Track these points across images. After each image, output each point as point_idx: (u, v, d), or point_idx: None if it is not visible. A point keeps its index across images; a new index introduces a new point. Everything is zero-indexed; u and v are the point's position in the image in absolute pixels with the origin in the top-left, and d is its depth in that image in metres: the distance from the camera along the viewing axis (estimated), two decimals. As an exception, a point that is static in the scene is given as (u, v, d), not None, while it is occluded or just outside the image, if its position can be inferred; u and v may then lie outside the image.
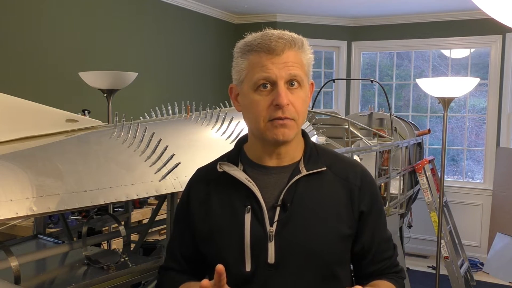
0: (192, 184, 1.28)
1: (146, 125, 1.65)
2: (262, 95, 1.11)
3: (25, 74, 3.43)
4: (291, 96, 1.11)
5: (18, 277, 1.30)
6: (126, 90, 3.33)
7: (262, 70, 1.10)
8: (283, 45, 1.10)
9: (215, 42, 5.46)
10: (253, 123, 1.15)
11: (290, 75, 1.11)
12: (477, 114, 5.74)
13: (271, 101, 1.10)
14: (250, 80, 1.12)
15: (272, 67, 1.10)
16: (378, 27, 5.79)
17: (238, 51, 1.16)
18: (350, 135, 3.45)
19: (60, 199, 1.27)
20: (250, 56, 1.12)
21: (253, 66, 1.12)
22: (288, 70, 1.10)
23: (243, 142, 1.26)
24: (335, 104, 6.07)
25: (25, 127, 1.50)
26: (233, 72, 1.18)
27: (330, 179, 1.19)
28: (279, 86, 1.10)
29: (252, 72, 1.12)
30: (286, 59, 1.11)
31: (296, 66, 1.12)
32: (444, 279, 4.26)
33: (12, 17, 3.35)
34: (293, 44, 1.12)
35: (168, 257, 1.31)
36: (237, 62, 1.16)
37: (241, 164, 1.21)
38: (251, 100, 1.13)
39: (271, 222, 1.14)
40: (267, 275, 1.14)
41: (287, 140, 1.15)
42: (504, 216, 5.17)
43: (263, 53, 1.10)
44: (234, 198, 1.17)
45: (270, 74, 1.10)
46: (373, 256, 1.23)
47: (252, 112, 1.13)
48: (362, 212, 1.19)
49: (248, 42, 1.13)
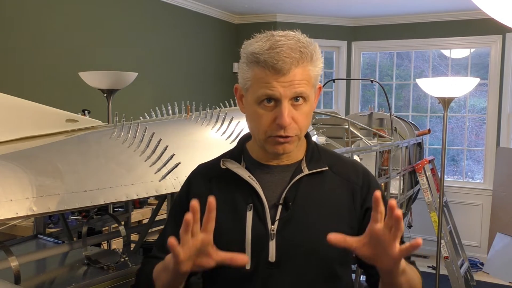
0: (192, 179, 1.27)
1: (146, 125, 1.64)
2: (266, 110, 1.10)
3: (25, 74, 3.43)
4: (294, 113, 1.10)
5: (18, 277, 1.30)
6: (126, 90, 3.33)
7: (266, 87, 1.08)
8: (290, 64, 1.06)
9: (215, 42, 5.46)
10: (255, 133, 1.16)
11: (295, 93, 1.08)
12: (477, 114, 5.74)
13: (274, 118, 1.09)
14: (254, 93, 1.11)
15: (277, 85, 1.07)
16: (378, 27, 5.79)
17: (245, 58, 1.12)
18: (350, 135, 3.45)
19: (60, 199, 1.27)
20: (255, 69, 1.09)
21: (257, 80, 1.09)
22: (294, 88, 1.08)
23: (246, 140, 1.26)
24: (335, 104, 6.07)
25: (25, 127, 1.50)
26: (239, 74, 1.16)
27: (331, 178, 1.20)
28: (282, 105, 1.08)
29: (257, 86, 1.09)
30: (292, 77, 1.07)
31: (302, 84, 1.09)
32: (444, 279, 4.26)
33: (12, 17, 3.35)
34: (301, 61, 1.08)
35: (156, 248, 1.25)
36: (242, 68, 1.13)
37: (243, 162, 1.21)
38: (254, 112, 1.12)
39: (272, 220, 1.14)
40: (268, 273, 1.14)
41: (288, 153, 1.16)
42: (504, 216, 5.17)
43: (268, 71, 1.07)
44: (236, 196, 1.17)
45: (274, 92, 1.08)
46: None
47: (254, 124, 1.14)
48: (368, 208, 1.18)
49: (255, 53, 1.08)
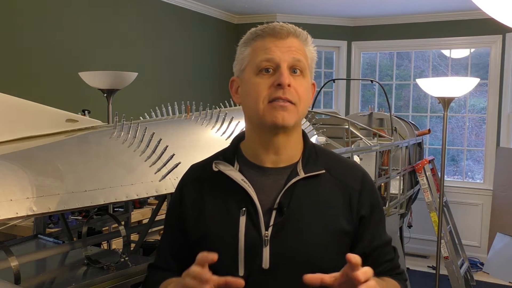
0: (185, 182, 1.24)
1: (146, 125, 1.64)
2: (264, 78, 1.10)
3: (25, 74, 3.43)
4: (293, 81, 1.10)
5: (18, 277, 1.30)
6: (126, 90, 3.33)
7: (265, 52, 1.10)
8: (287, 31, 1.11)
9: (215, 42, 5.46)
10: (252, 106, 1.12)
11: (293, 59, 1.10)
12: (477, 114, 5.74)
13: (273, 82, 1.09)
14: (252, 64, 1.12)
15: (276, 49, 1.10)
16: (378, 27, 5.79)
17: (242, 42, 1.16)
18: (350, 135, 3.45)
19: (60, 199, 1.27)
20: (254, 42, 1.13)
21: (256, 50, 1.12)
22: (292, 54, 1.10)
23: (240, 139, 1.22)
24: (335, 104, 6.07)
25: (25, 127, 1.50)
26: (235, 64, 1.17)
27: (328, 182, 1.16)
28: (281, 68, 1.09)
29: (256, 56, 1.11)
30: (290, 43, 1.11)
31: (299, 53, 1.11)
32: (444, 279, 4.26)
33: (12, 17, 3.35)
34: (297, 34, 1.13)
35: (158, 256, 1.27)
36: (240, 52, 1.16)
37: (237, 164, 1.16)
38: (252, 83, 1.11)
39: (266, 226, 1.10)
40: (261, 280, 1.10)
41: (286, 125, 1.10)
42: (504, 216, 5.17)
43: (268, 37, 1.11)
44: (229, 200, 1.13)
45: (273, 56, 1.09)
46: (374, 260, 1.18)
47: (252, 95, 1.11)
48: (362, 216, 1.16)
49: (253, 30, 1.15)
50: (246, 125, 1.20)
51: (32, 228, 2.13)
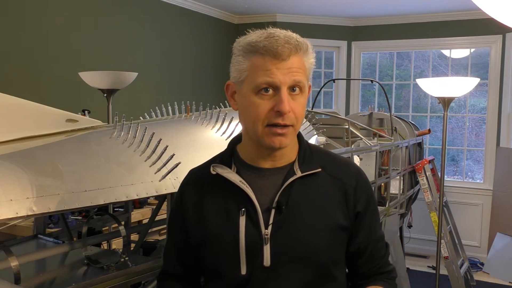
0: (184, 187, 1.26)
1: (146, 125, 1.64)
2: (264, 99, 1.08)
3: (25, 74, 3.43)
4: (292, 103, 1.09)
5: (18, 277, 1.30)
6: (126, 90, 3.33)
7: (266, 74, 1.07)
8: (289, 51, 1.07)
9: (215, 42, 5.46)
10: (250, 126, 1.12)
11: (294, 81, 1.08)
12: (477, 114, 5.74)
13: (272, 106, 1.08)
14: (251, 82, 1.09)
15: (277, 72, 1.07)
16: (378, 27, 5.79)
17: (240, 49, 1.11)
18: (350, 135, 3.45)
19: (60, 199, 1.27)
20: (253, 58, 1.08)
21: (256, 68, 1.08)
22: (293, 76, 1.08)
23: (236, 142, 1.23)
24: (335, 104, 6.07)
25: (25, 127, 1.50)
26: (232, 69, 1.14)
27: (324, 180, 1.18)
28: (282, 92, 1.07)
29: (255, 75, 1.08)
30: (291, 64, 1.08)
31: (300, 72, 1.09)
32: (444, 279, 4.26)
33: (12, 17, 3.35)
34: (298, 49, 1.09)
35: (165, 262, 1.31)
36: (237, 60, 1.12)
37: (234, 166, 1.18)
38: (250, 102, 1.10)
39: (266, 224, 1.13)
40: (263, 278, 1.13)
41: (284, 147, 1.13)
42: (504, 216, 5.17)
43: (268, 57, 1.07)
44: (228, 201, 1.16)
45: (274, 79, 1.07)
46: (368, 256, 1.23)
47: (251, 115, 1.10)
48: (358, 212, 1.19)
49: (253, 42, 1.09)
50: (243, 132, 1.22)
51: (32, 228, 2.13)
